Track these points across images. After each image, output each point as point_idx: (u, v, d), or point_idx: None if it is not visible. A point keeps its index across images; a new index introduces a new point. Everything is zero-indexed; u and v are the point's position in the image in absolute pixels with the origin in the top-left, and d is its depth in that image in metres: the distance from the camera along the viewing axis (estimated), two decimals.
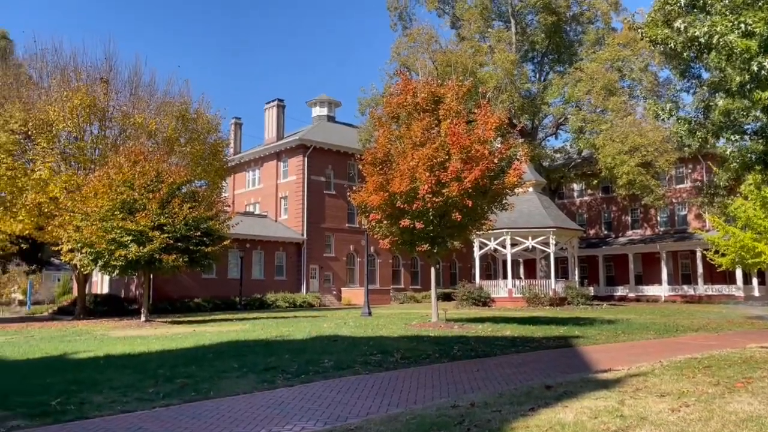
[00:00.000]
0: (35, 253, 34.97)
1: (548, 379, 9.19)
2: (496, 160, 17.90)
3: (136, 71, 30.61)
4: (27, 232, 26.90)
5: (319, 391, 8.68)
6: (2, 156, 25.93)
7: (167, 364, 11.07)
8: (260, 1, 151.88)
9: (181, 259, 22.01)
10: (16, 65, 29.51)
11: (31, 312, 45.22)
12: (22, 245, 30.29)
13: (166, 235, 21.42)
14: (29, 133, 27.13)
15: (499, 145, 19.00)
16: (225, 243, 24.39)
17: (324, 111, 50.41)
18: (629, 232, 47.44)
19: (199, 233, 22.49)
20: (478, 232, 21.43)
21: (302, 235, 42.34)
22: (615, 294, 44.55)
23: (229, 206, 31.70)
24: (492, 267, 47.64)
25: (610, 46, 39.24)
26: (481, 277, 37.43)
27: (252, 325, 20.67)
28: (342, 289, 43.61)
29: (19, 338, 18.47)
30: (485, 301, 34.01)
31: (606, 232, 49.06)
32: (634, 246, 44.63)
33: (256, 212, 45.82)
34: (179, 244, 21.86)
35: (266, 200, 45.79)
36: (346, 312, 30.39)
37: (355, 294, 41.90)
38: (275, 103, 47.29)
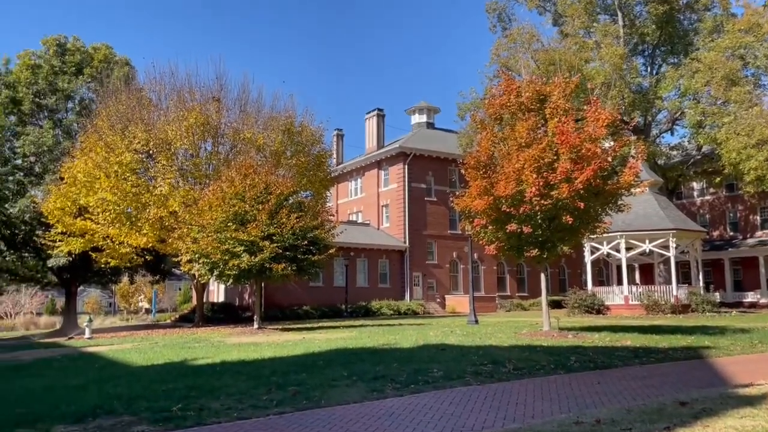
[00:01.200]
0: (158, 264, 37.38)
1: (680, 394, 8.38)
2: (609, 159, 16.89)
3: (244, 89, 32.03)
4: (150, 244, 28.74)
5: (430, 402, 8.40)
6: (128, 174, 27.91)
7: (279, 371, 11.24)
8: (358, 14, 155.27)
9: (289, 268, 22.61)
10: (138, 89, 31.72)
11: (156, 320, 48.48)
12: (147, 257, 32.44)
13: (275, 244, 22.08)
14: (150, 152, 29.05)
15: (611, 143, 17.94)
16: (330, 251, 24.79)
17: (423, 118, 50.37)
18: (759, 233, 43.42)
19: (305, 242, 23.01)
20: (591, 236, 20.33)
21: (404, 242, 42.38)
22: (744, 300, 40.90)
23: (333, 215, 32.33)
24: (604, 272, 45.30)
25: (731, 33, 36.24)
26: (594, 284, 35.65)
27: (359, 333, 20.78)
28: (446, 296, 43.17)
29: (144, 345, 19.67)
30: (599, 308, 32.32)
31: (731, 234, 45.21)
32: (766, 248, 40.79)
33: (359, 221, 46.46)
34: (287, 253, 22.46)
35: (368, 209, 46.33)
36: (451, 320, 29.94)
37: (459, 301, 41.32)
38: (375, 112, 47.85)
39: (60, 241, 29.35)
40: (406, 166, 42.98)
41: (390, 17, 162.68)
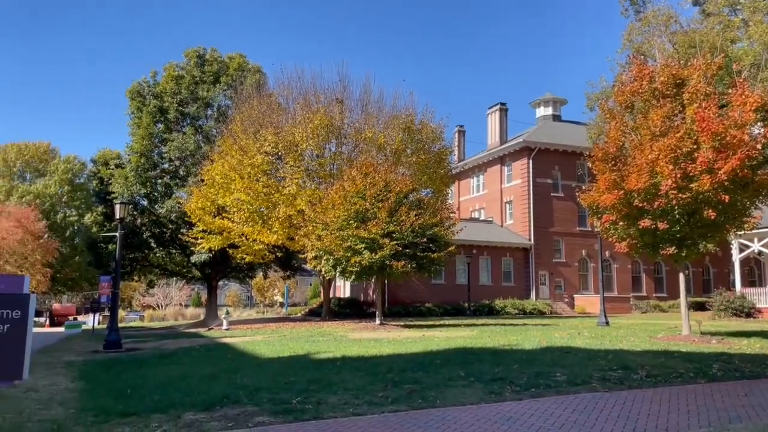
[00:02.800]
0: (288, 261, 39.21)
1: None
2: (758, 146, 15.16)
3: (366, 89, 32.64)
4: (281, 241, 30.19)
5: (551, 407, 7.95)
6: (259, 175, 29.50)
7: (396, 369, 11.23)
8: (479, 6, 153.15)
9: (409, 266, 22.67)
10: (268, 95, 33.45)
11: (288, 313, 50.93)
12: (278, 253, 34.14)
13: (394, 242, 22.24)
14: (280, 153, 30.49)
15: (761, 130, 16.12)
16: (450, 249, 24.56)
17: (548, 110, 48.51)
18: None
19: (425, 240, 22.96)
20: (738, 232, 18.41)
21: (529, 240, 41.08)
22: None
23: (454, 213, 32.03)
24: (755, 272, 41.03)
25: None
26: (743, 285, 32.35)
27: (479, 332, 20.38)
28: (574, 296, 41.29)
29: (273, 337, 20.65)
30: (749, 311, 29.28)
31: None
32: None
33: (481, 218, 45.71)
34: (407, 250, 22.54)
35: (491, 205, 45.45)
36: (580, 321, 28.53)
37: (589, 302, 39.35)
38: (497, 107, 46.82)
39: (201, 238, 31.69)
40: (531, 161, 41.62)
41: (511, 8, 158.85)
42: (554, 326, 23.67)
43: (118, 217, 20.04)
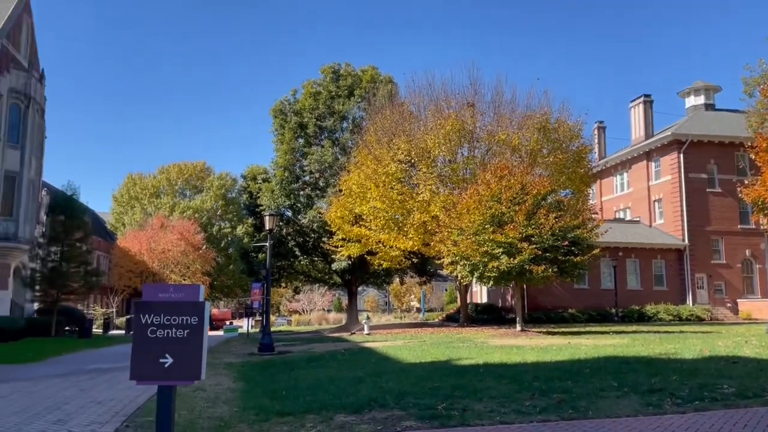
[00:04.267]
0: (424, 266, 39.56)
1: None
2: None
3: (497, 91, 32.14)
4: (416, 248, 30.55)
5: (719, 423, 7.28)
6: (394, 183, 30.12)
7: (542, 377, 10.90)
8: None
9: (550, 270, 21.94)
10: (400, 104, 34.08)
11: (425, 318, 51.34)
12: (414, 259, 34.58)
13: (534, 246, 21.63)
14: (412, 161, 30.92)
15: None
16: (594, 252, 23.44)
17: (700, 99, 44.71)
18: None
19: (566, 243, 22.10)
20: None
21: (683, 240, 38.05)
22: None
23: (596, 213, 30.52)
24: None
25: None
26: None
27: (631, 340, 19.18)
28: (738, 300, 37.57)
29: (414, 343, 20.89)
30: None
31: None
32: None
33: (627, 218, 43.09)
34: (547, 254, 21.83)
35: (637, 204, 42.71)
36: (746, 328, 25.89)
37: (755, 307, 35.63)
38: (641, 99, 43.98)
39: (341, 246, 32.95)
40: (682, 155, 38.60)
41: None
42: (716, 334, 21.70)
43: (267, 228, 21.42)
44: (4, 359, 17.51)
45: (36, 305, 33.45)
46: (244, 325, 38.32)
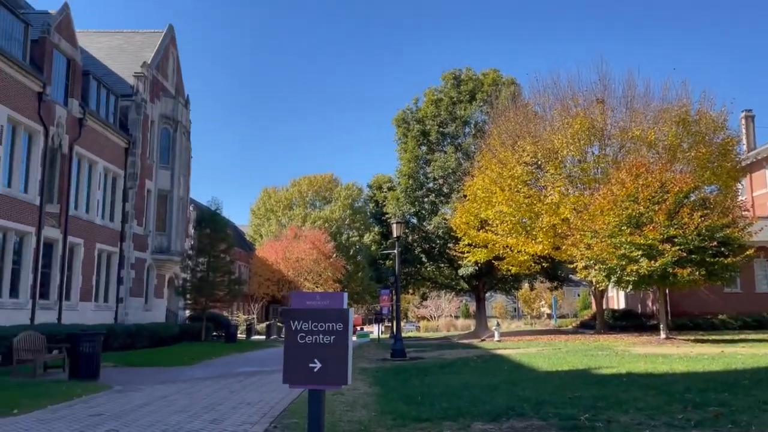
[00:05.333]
0: (555, 271, 38.25)
1: None
2: None
3: (629, 85, 30.42)
4: (546, 252, 29.61)
5: None
6: (520, 186, 29.45)
7: (694, 388, 10.11)
8: None
9: (696, 273, 20.32)
10: (524, 105, 33.34)
11: (558, 325, 49.57)
12: (543, 264, 33.53)
13: (677, 247, 20.17)
14: (539, 162, 30.07)
15: None
16: (747, 252, 21.40)
17: None
18: None
19: (714, 243, 20.37)
20: None
21: None
22: None
23: (747, 210, 27.85)
24: None
25: None
26: None
27: None
28: None
29: (548, 350, 20.23)
30: None
31: None
32: None
33: None
34: (693, 256, 20.24)
35: None
36: None
37: None
38: None
39: (467, 252, 32.72)
40: None
41: None
42: None
43: (395, 235, 21.80)
44: (164, 362, 19.23)
45: (187, 312, 36.46)
46: (375, 330, 39.20)
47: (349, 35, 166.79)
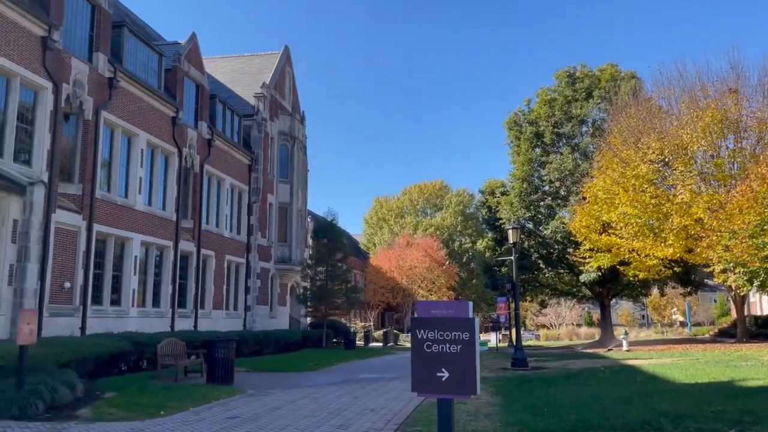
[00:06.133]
0: (687, 276, 35.61)
1: None
2: None
3: (766, 72, 27.81)
4: (677, 255, 27.64)
5: None
6: (645, 186, 27.75)
7: None
8: None
9: None
10: (646, 99, 31.41)
11: (693, 334, 46.12)
12: (675, 268, 31.32)
13: None
14: (666, 160, 28.21)
15: None
16: None
17: None
18: None
19: None
20: None
21: None
22: None
23: None
24: None
25: None
26: None
27: None
28: None
29: (684, 360, 18.86)
30: None
31: None
32: None
33: None
34: None
35: None
36: None
37: None
38: None
39: (589, 257, 31.30)
40: None
41: None
42: None
43: (511, 241, 21.32)
44: (290, 368, 20.05)
45: (308, 319, 37.84)
46: (492, 339, 38.55)
47: (454, 41, 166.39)
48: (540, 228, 39.66)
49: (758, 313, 36.13)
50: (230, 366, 14.68)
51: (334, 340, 36.07)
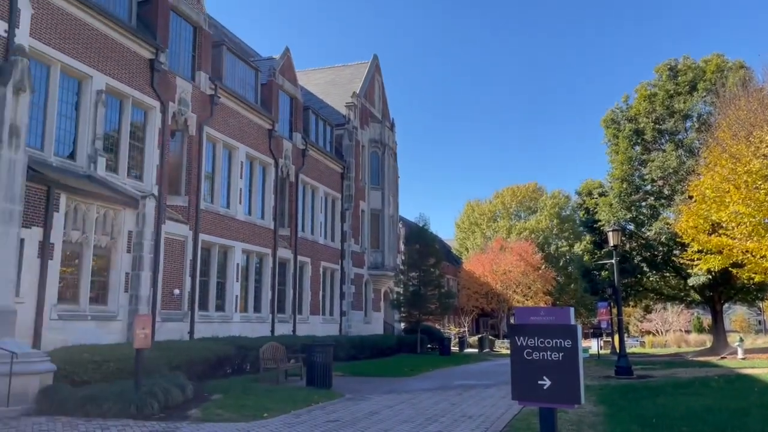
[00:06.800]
0: None
1: None
2: None
3: None
4: None
5: None
6: (759, 182, 25.71)
7: None
8: None
9: None
10: (758, 90, 29.15)
11: None
12: None
13: None
14: None
15: None
16: None
17: None
18: None
19: None
20: None
21: None
22: None
23: None
24: None
25: None
26: None
27: None
28: None
29: None
30: None
31: None
32: None
33: None
34: None
35: None
36: None
37: None
38: None
39: (697, 259, 29.39)
40: None
41: None
42: None
43: (612, 244, 20.45)
44: (386, 373, 20.22)
45: (402, 325, 38.03)
46: (593, 345, 37.04)
47: (542, 39, 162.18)
48: (642, 229, 37.75)
49: None
50: (328, 370, 15.01)
51: (429, 345, 36.01)
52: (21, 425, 8.92)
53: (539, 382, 4.26)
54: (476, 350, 42.70)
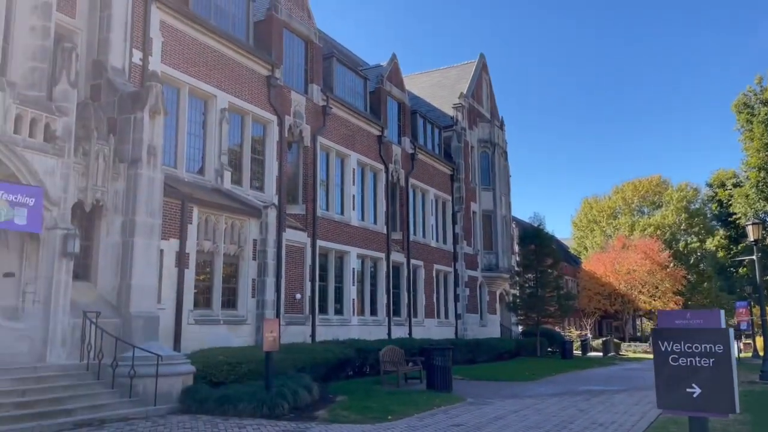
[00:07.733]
0: None
1: None
2: None
3: None
4: None
5: None
6: None
7: None
8: None
9: None
10: None
11: None
12: None
13: None
14: None
15: None
16: None
17: None
18: None
19: None
20: None
21: None
22: None
23: None
24: None
25: None
26: None
27: None
28: None
29: None
30: None
31: None
32: None
33: None
34: None
35: None
36: None
37: None
38: None
39: None
40: None
41: None
42: None
43: (751, 239, 18.75)
44: (506, 377, 19.79)
45: (520, 328, 37.10)
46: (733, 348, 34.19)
47: (665, 24, 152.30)
48: None
49: None
50: (448, 373, 14.93)
51: (549, 349, 34.86)
52: (168, 423, 9.63)
53: (688, 389, 3.95)
54: (600, 354, 40.79)
